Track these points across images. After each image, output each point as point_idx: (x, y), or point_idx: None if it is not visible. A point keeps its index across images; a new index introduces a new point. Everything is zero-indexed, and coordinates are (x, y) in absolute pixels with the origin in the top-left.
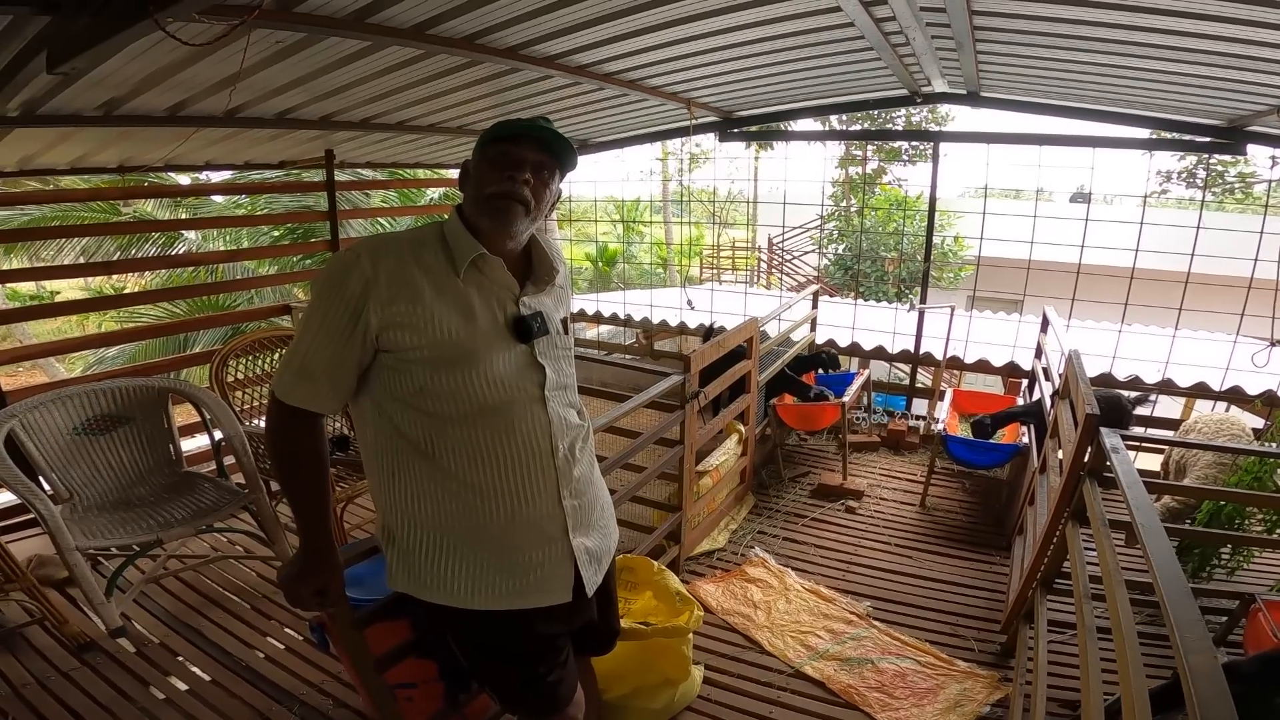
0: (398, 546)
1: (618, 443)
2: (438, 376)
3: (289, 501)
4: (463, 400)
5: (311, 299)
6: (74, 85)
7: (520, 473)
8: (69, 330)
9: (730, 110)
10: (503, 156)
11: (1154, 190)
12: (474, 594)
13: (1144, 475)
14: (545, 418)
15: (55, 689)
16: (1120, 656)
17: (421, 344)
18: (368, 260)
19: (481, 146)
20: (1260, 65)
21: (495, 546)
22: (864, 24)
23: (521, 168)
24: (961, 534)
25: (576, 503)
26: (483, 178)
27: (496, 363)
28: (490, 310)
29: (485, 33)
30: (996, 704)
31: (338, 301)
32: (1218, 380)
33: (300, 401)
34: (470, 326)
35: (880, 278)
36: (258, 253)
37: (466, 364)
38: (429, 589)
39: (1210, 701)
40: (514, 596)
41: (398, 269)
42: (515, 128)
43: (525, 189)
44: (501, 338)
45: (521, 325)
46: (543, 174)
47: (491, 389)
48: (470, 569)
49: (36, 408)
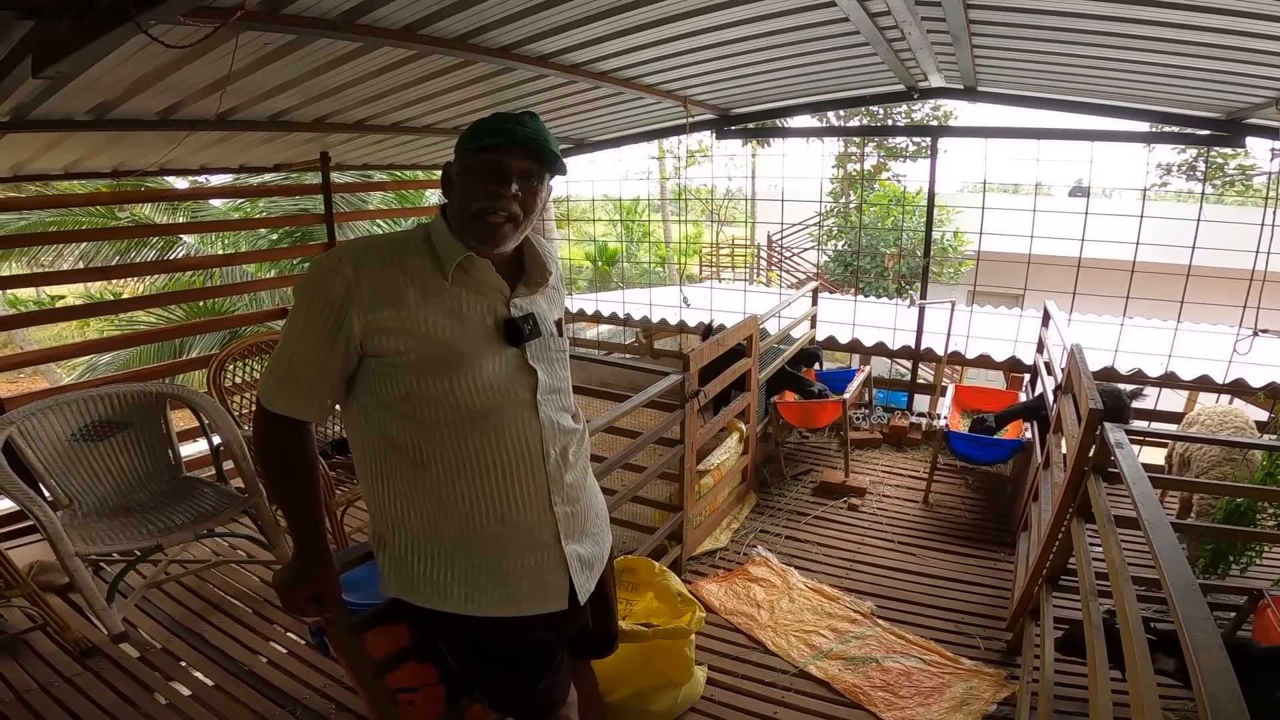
0: (389, 552)
1: (618, 443)
2: (425, 381)
3: (280, 507)
4: (450, 406)
5: (294, 305)
6: (63, 90)
7: (510, 479)
8: (69, 336)
9: (727, 107)
10: (487, 168)
11: (1154, 183)
12: (467, 600)
13: (1148, 469)
14: (536, 422)
15: (59, 695)
16: (1128, 654)
17: (408, 349)
18: (349, 265)
19: (464, 150)
20: (1257, 58)
21: (486, 553)
22: (859, 19)
23: (508, 182)
24: (965, 530)
25: (569, 509)
26: (467, 191)
27: (486, 367)
28: (479, 313)
29: (478, 32)
30: (1003, 702)
31: (319, 307)
32: (1220, 373)
33: (285, 409)
34: (459, 330)
35: (880, 274)
36: (255, 256)
37: (454, 368)
38: (422, 595)
39: (1220, 698)
40: (507, 603)
41: (380, 273)
42: (499, 134)
43: (514, 204)
44: (491, 341)
45: (512, 328)
46: (530, 182)
47: (480, 394)
48: (461, 576)
49: (34, 414)
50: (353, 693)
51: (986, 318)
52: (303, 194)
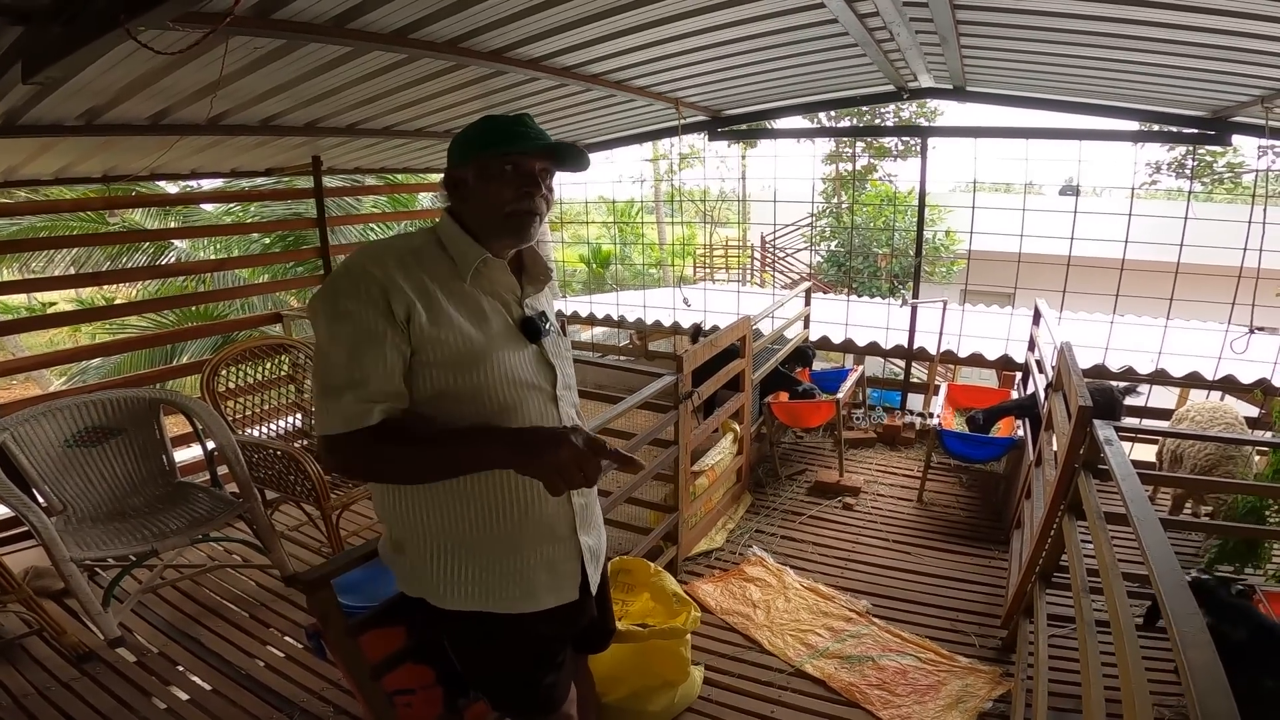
0: (409, 556)
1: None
2: (458, 376)
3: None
4: (482, 401)
5: (334, 324)
6: (53, 95)
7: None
8: (62, 342)
9: (718, 109)
10: (515, 170)
11: (1143, 181)
12: (487, 597)
13: (1138, 466)
14: (557, 416)
15: (56, 700)
16: (1119, 651)
17: (442, 341)
18: (375, 267)
19: (482, 154)
20: (1242, 56)
21: (506, 548)
22: (848, 20)
23: (538, 183)
24: (959, 529)
25: (583, 500)
26: (499, 194)
27: (513, 362)
28: (499, 313)
29: (469, 36)
30: (999, 699)
31: (367, 311)
32: (1210, 370)
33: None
34: (484, 329)
35: (873, 273)
36: (248, 261)
37: (485, 363)
38: (440, 595)
39: (1209, 696)
40: (526, 598)
41: (405, 273)
42: (524, 140)
43: (543, 202)
44: (514, 338)
45: (530, 325)
46: (549, 180)
47: (510, 389)
48: (481, 573)
49: (27, 421)
50: (350, 696)
51: (979, 316)
52: (294, 198)
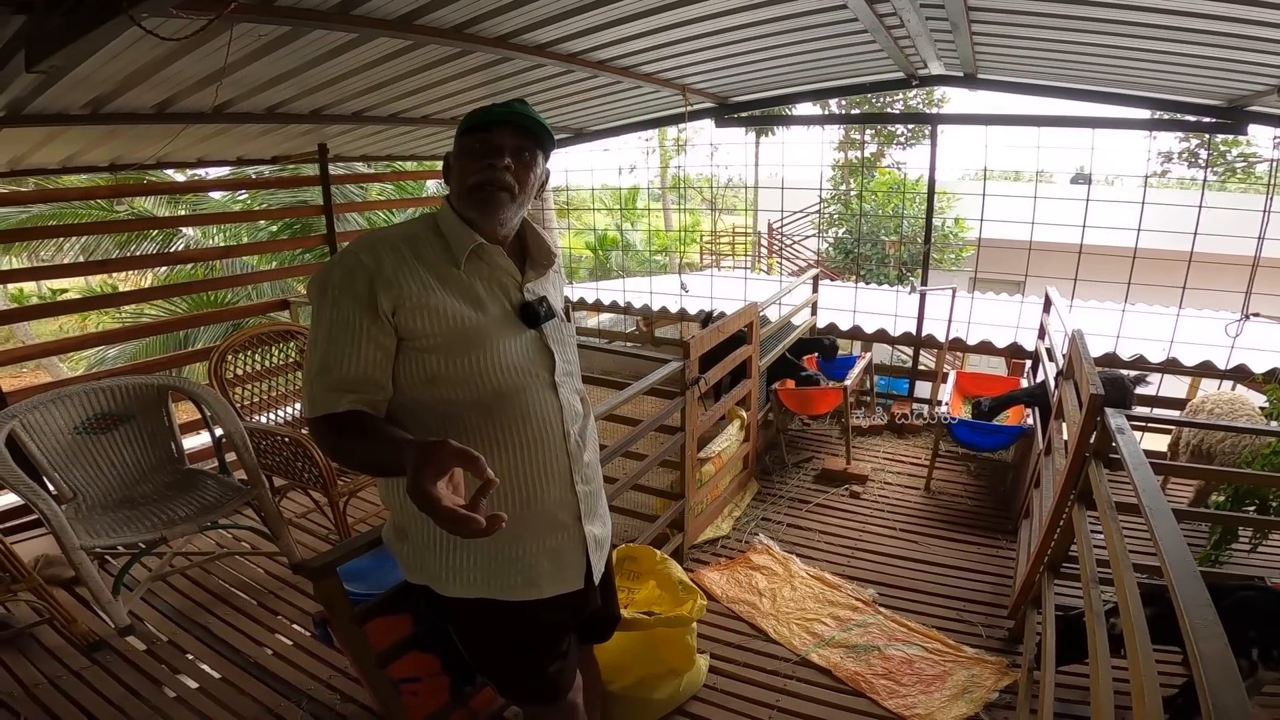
0: (411, 542)
1: (619, 430)
2: (452, 362)
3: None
4: (476, 385)
5: (319, 312)
6: (58, 84)
7: (535, 458)
8: (71, 330)
9: (726, 96)
10: (480, 145)
11: (1155, 171)
12: (489, 584)
13: (1150, 456)
14: (556, 402)
15: (67, 688)
16: (1129, 642)
17: (433, 330)
18: (367, 257)
19: (459, 137)
20: (1259, 45)
21: (508, 536)
22: (857, 6)
23: (500, 154)
24: (967, 518)
25: (588, 489)
26: (463, 169)
27: (509, 348)
28: (497, 298)
29: (474, 22)
30: (1005, 690)
31: (348, 301)
32: (1222, 359)
33: (346, 405)
34: (479, 314)
35: (881, 260)
36: (255, 248)
37: (479, 348)
38: (444, 582)
39: (1220, 687)
40: (528, 586)
41: (398, 262)
42: (489, 115)
43: (507, 174)
44: (511, 324)
45: (529, 311)
46: (523, 157)
47: (506, 374)
48: (485, 560)
49: (36, 408)
50: (358, 683)
51: (988, 304)
52: (301, 186)
